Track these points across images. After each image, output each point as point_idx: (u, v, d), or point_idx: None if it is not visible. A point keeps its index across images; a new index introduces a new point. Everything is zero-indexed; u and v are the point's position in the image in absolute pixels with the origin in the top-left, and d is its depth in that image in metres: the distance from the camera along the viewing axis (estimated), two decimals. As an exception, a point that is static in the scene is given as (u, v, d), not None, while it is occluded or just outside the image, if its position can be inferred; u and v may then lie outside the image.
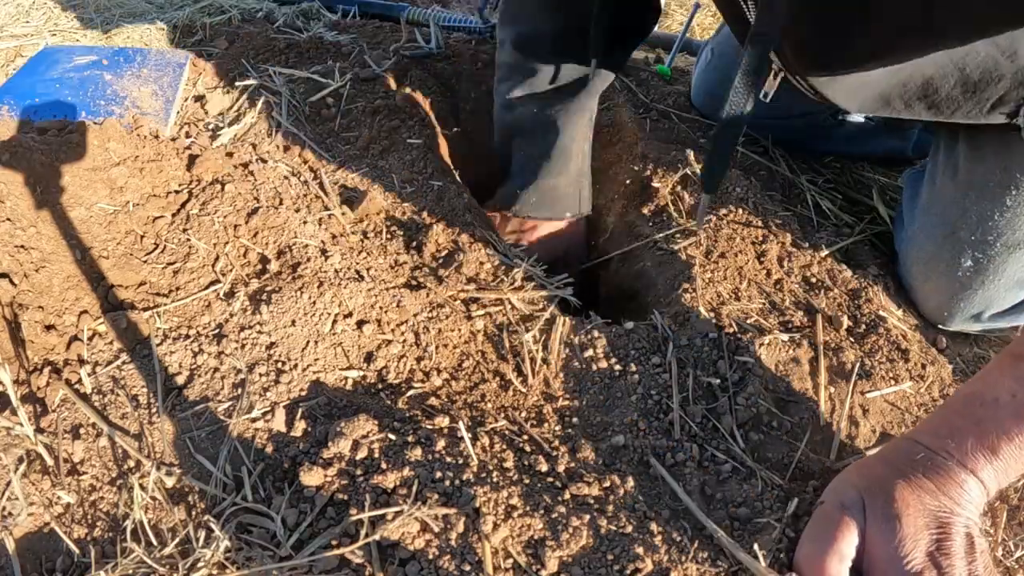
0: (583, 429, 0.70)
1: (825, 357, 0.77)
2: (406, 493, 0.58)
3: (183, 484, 0.61)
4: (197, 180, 0.87)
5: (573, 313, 0.85)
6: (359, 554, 0.54)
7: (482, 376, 0.75)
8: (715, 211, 0.95)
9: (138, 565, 0.55)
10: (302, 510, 0.59)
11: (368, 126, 1.05)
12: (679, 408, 0.71)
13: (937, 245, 0.86)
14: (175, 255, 0.78)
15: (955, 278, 0.84)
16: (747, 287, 0.85)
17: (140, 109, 1.02)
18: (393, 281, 0.80)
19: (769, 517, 0.61)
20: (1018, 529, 0.69)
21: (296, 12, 1.42)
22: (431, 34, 1.32)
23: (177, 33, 1.28)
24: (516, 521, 0.58)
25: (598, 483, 0.63)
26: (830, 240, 0.95)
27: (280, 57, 1.19)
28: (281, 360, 0.70)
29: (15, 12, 1.34)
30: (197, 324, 0.72)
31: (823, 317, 0.82)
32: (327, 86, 1.11)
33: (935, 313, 0.87)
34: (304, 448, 0.63)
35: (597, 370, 0.74)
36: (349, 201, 0.91)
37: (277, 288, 0.75)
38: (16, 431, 0.62)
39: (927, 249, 0.87)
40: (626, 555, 0.57)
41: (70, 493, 0.61)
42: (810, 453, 0.69)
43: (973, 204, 0.82)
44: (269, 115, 1.05)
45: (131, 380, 0.68)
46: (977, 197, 0.82)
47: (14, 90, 1.04)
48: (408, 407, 0.69)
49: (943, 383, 0.80)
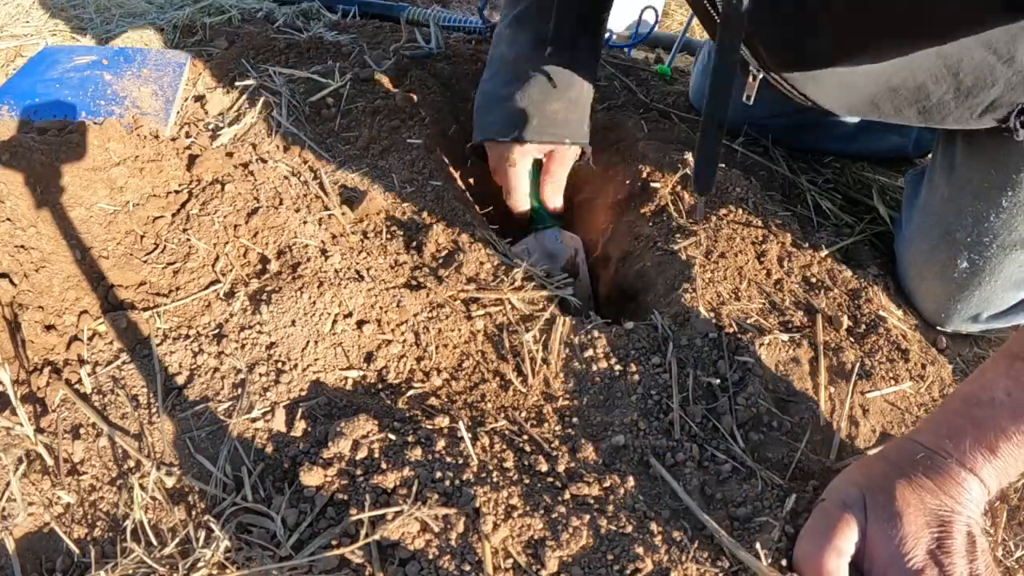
0: (583, 429, 0.70)
1: (825, 357, 0.77)
2: (406, 493, 0.58)
3: (183, 484, 0.61)
4: (197, 180, 0.87)
5: (573, 313, 0.85)
6: (359, 554, 0.54)
7: (482, 376, 0.75)
8: (715, 211, 0.95)
9: (138, 565, 0.55)
10: (302, 510, 0.59)
11: (368, 126, 1.05)
12: (679, 408, 0.71)
13: (933, 246, 0.86)
14: (175, 255, 0.78)
15: (951, 279, 0.84)
16: (747, 287, 0.85)
17: (140, 109, 1.02)
18: (393, 281, 0.80)
19: (769, 516, 0.61)
20: (1018, 529, 0.69)
21: (296, 12, 1.42)
22: (431, 34, 1.32)
23: (177, 33, 1.28)
24: (516, 521, 0.58)
25: (598, 483, 0.63)
26: (830, 240, 0.95)
27: (280, 57, 1.19)
28: (281, 360, 0.70)
29: (15, 12, 1.34)
30: (197, 324, 0.72)
31: (823, 317, 0.82)
32: (327, 86, 1.11)
33: (933, 314, 0.87)
34: (304, 448, 0.63)
35: (597, 370, 0.74)
36: (349, 201, 0.91)
37: (277, 288, 0.75)
38: (16, 431, 0.62)
39: (923, 250, 0.87)
40: (626, 555, 0.57)
41: (70, 493, 0.61)
42: (810, 453, 0.69)
43: (968, 205, 0.82)
44: (269, 115, 1.05)
45: (131, 380, 0.68)
46: (972, 198, 0.81)
47: (14, 90, 1.04)
48: (408, 407, 0.69)
49: (943, 383, 0.80)
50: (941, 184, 0.86)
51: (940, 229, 0.85)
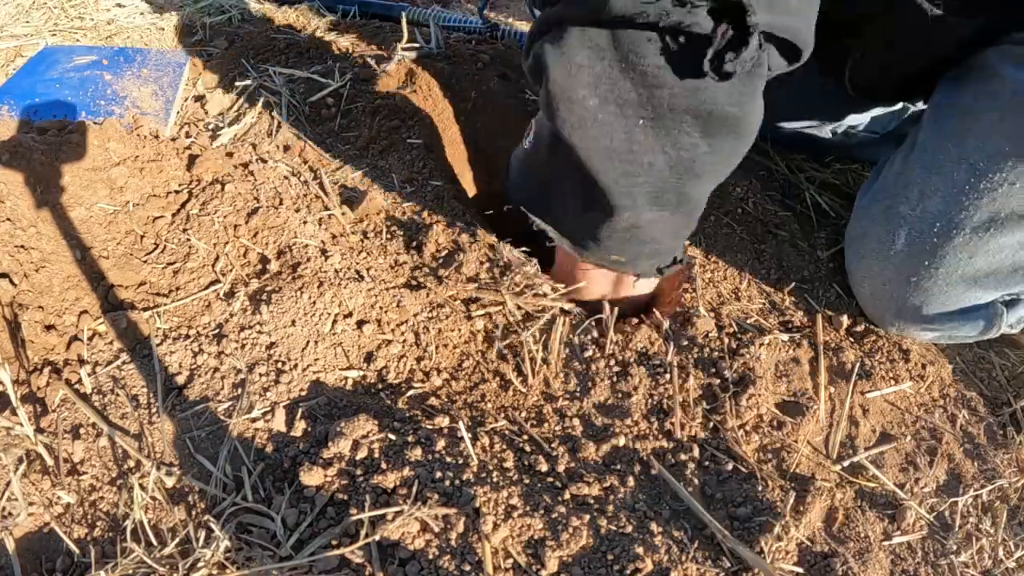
0: (583, 429, 0.70)
1: (825, 357, 0.77)
2: (406, 493, 0.58)
3: (183, 484, 0.61)
4: (197, 180, 0.86)
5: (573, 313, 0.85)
6: (359, 554, 0.54)
7: (482, 376, 0.75)
8: (715, 210, 0.95)
9: (138, 565, 0.55)
10: (302, 510, 0.59)
11: (368, 126, 1.05)
12: (679, 408, 0.71)
13: (872, 220, 0.80)
14: (175, 255, 0.78)
15: (887, 258, 0.77)
16: (747, 287, 0.85)
17: (140, 109, 1.02)
18: (393, 281, 0.80)
19: (769, 516, 0.61)
20: (1018, 529, 0.69)
21: (296, 12, 1.42)
22: (431, 34, 1.32)
23: (177, 33, 1.28)
24: (516, 521, 0.58)
25: (598, 483, 0.63)
26: (830, 240, 0.95)
27: (280, 57, 1.19)
28: (281, 360, 0.70)
29: (15, 12, 1.34)
30: (197, 324, 0.72)
31: (823, 317, 0.82)
32: (327, 86, 1.11)
33: (870, 303, 0.80)
34: (304, 448, 0.63)
35: (597, 370, 0.74)
36: (349, 201, 0.91)
37: (277, 288, 0.75)
38: (16, 431, 0.62)
39: (863, 223, 0.82)
40: (626, 555, 0.57)
41: (70, 493, 0.61)
42: (810, 453, 0.69)
43: (918, 177, 0.76)
44: (269, 115, 1.05)
45: (131, 380, 0.68)
46: (922, 170, 0.76)
47: (14, 90, 1.04)
48: (408, 407, 0.69)
49: (943, 383, 0.80)
50: (897, 160, 0.82)
51: (884, 204, 0.79)
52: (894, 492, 0.69)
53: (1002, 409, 0.80)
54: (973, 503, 0.70)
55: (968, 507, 0.70)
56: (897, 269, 0.77)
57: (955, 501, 0.70)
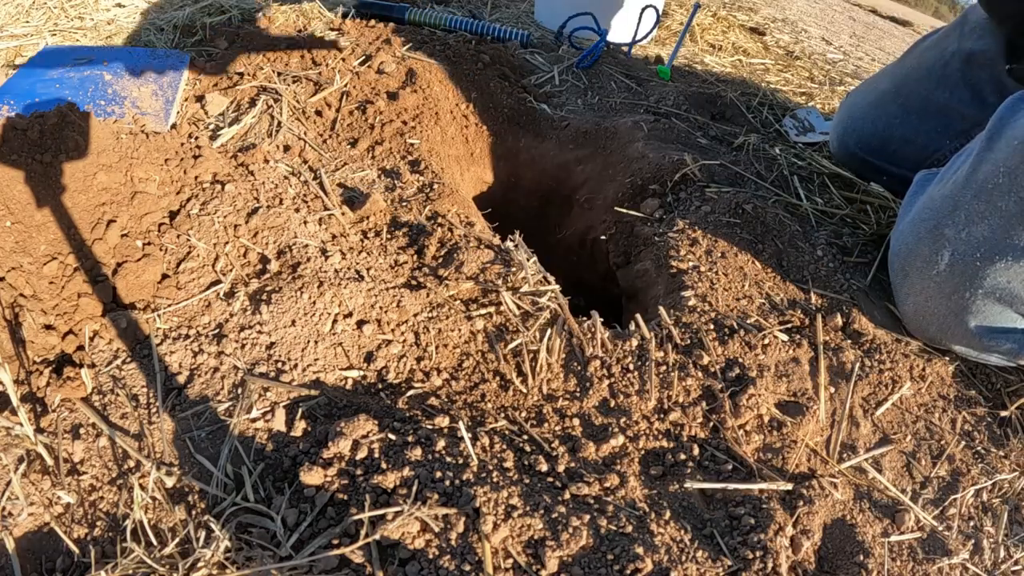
0: (583, 429, 0.69)
1: (825, 357, 0.77)
2: (406, 493, 0.58)
3: (183, 484, 0.61)
4: (197, 180, 0.86)
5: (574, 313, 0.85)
6: (359, 554, 0.54)
7: (482, 376, 0.75)
8: (714, 211, 0.95)
9: (138, 565, 0.55)
10: (302, 510, 0.59)
11: (368, 126, 1.05)
12: (679, 408, 0.71)
13: (919, 239, 0.82)
14: (175, 255, 0.78)
15: (930, 277, 0.80)
16: (747, 287, 0.85)
17: (140, 109, 1.02)
18: (393, 281, 0.80)
19: (768, 516, 0.61)
20: (1018, 529, 0.69)
21: (296, 12, 1.42)
22: (431, 34, 1.32)
23: (177, 33, 1.28)
24: (516, 521, 0.58)
25: (598, 483, 0.63)
26: (830, 239, 0.95)
27: (280, 57, 1.19)
28: (281, 360, 0.70)
29: (15, 12, 1.34)
30: (197, 324, 0.72)
31: (823, 317, 0.82)
32: (327, 86, 1.11)
33: (913, 319, 0.83)
34: (304, 448, 0.63)
35: (597, 370, 0.74)
36: (349, 201, 0.91)
37: (277, 288, 0.75)
38: (16, 431, 0.62)
39: (909, 243, 0.84)
40: (626, 555, 0.57)
41: (70, 493, 0.61)
42: (810, 453, 0.69)
43: (966, 202, 0.79)
44: (269, 115, 1.05)
45: (131, 380, 0.68)
46: (972, 196, 0.78)
47: (14, 90, 1.04)
48: (408, 407, 0.69)
49: (943, 383, 0.80)
50: (949, 181, 0.84)
51: (931, 223, 0.82)
52: (894, 492, 0.69)
53: (1002, 410, 0.80)
54: (973, 503, 0.70)
55: (968, 507, 0.70)
56: (939, 287, 0.79)
57: (955, 501, 0.70)
